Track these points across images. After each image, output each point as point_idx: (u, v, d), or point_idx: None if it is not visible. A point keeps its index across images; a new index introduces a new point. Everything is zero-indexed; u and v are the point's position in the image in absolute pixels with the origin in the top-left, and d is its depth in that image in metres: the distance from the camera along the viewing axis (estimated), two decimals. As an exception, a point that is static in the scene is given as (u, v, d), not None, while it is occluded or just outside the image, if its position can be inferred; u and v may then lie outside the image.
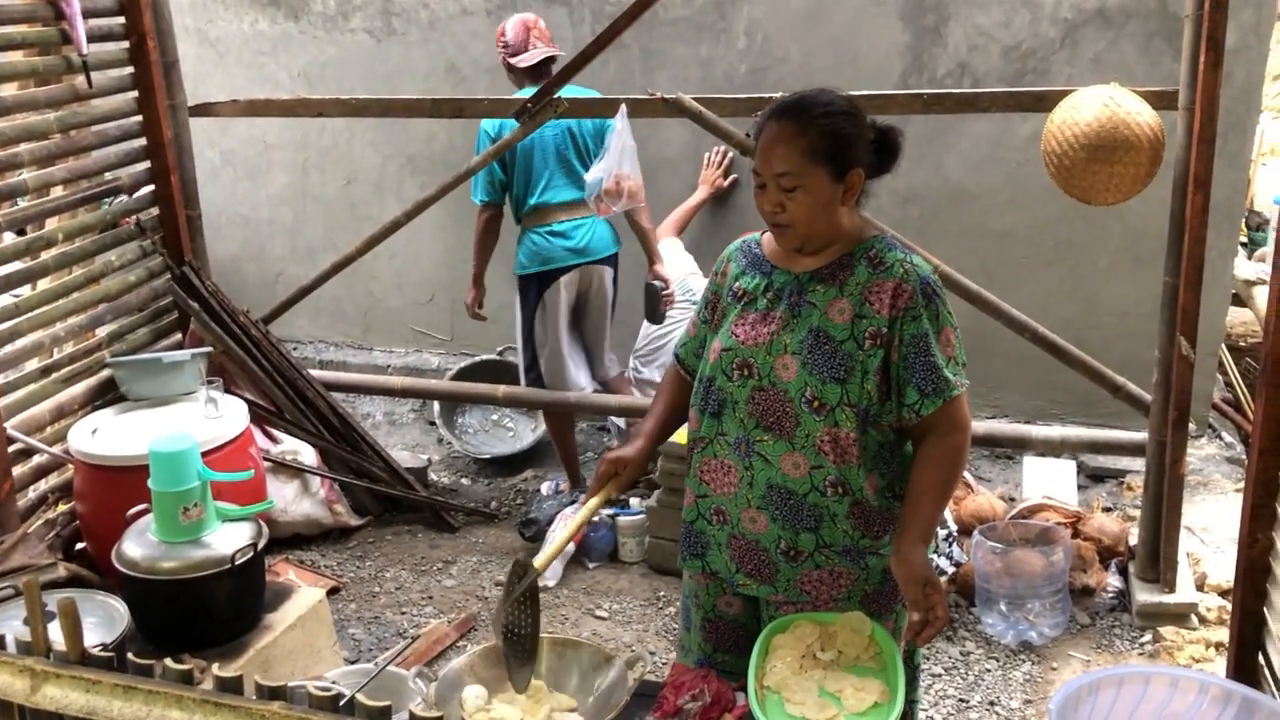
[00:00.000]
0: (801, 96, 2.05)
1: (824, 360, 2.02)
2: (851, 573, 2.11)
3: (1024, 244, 4.53)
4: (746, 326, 2.10)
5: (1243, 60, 4.10)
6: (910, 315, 2.01)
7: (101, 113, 3.88)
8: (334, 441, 4.28)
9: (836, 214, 2.04)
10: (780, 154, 1.99)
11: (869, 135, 2.05)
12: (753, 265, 2.16)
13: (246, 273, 5.61)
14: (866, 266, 2.04)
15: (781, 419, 2.06)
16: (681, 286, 4.42)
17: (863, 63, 4.48)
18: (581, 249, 4.24)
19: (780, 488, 2.08)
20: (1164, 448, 3.49)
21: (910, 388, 2.02)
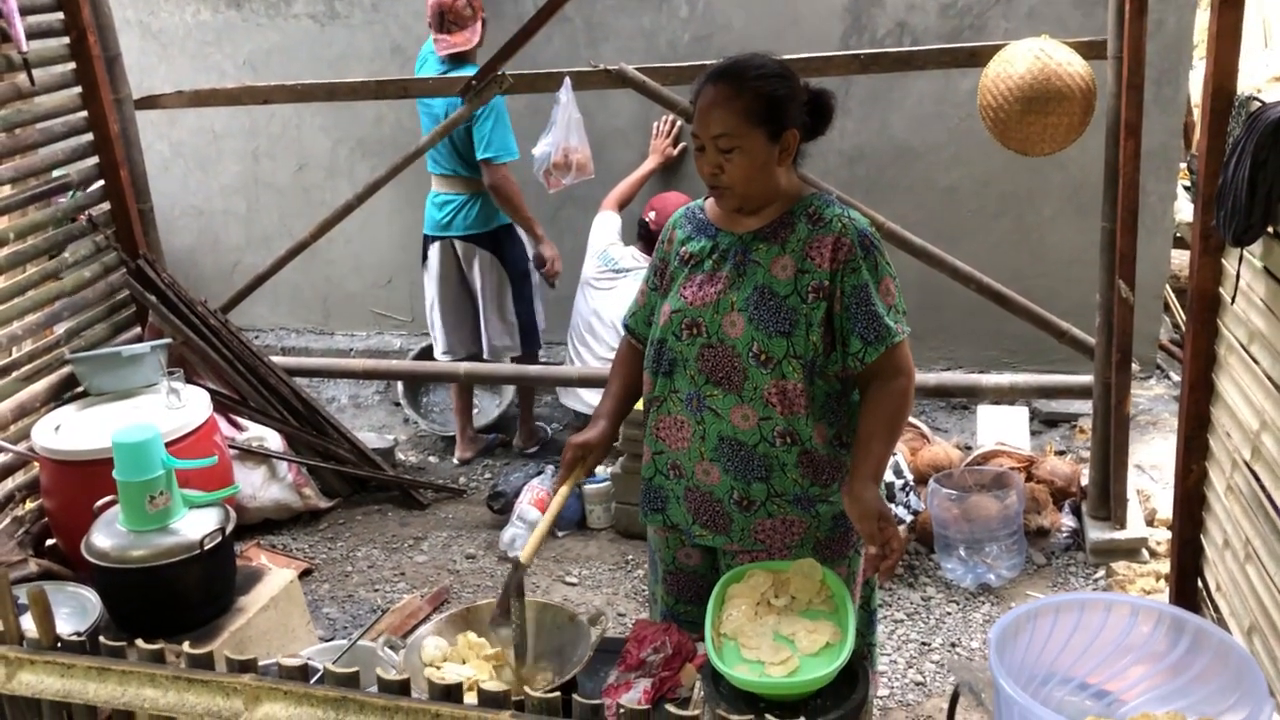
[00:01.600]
0: (735, 61, 2.12)
1: (769, 315, 2.10)
2: (803, 520, 2.19)
3: (969, 198, 4.61)
4: (694, 287, 2.17)
5: (1173, 7, 4.18)
6: (850, 267, 2.09)
7: (46, 110, 3.86)
8: (299, 426, 4.31)
9: (774, 174, 2.11)
10: (717, 116, 2.05)
11: (802, 97, 2.13)
12: (697, 230, 2.23)
13: (203, 264, 5.61)
14: (806, 223, 2.12)
15: (730, 374, 2.13)
16: (603, 257, 4.52)
17: (804, 25, 4.53)
18: (444, 223, 4.51)
19: (730, 439, 2.16)
20: (1109, 389, 3.59)
21: (854, 337, 2.11)
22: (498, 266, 4.54)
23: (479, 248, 4.52)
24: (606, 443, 2.30)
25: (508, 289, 4.57)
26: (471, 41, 4.27)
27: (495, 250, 4.53)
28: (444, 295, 4.64)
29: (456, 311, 4.67)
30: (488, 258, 4.52)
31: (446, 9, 4.25)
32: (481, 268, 4.53)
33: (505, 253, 4.54)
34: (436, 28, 4.30)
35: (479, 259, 4.53)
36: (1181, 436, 2.58)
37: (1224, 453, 2.47)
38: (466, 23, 4.27)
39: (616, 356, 2.43)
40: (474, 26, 4.29)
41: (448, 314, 4.67)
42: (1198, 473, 2.59)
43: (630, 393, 2.38)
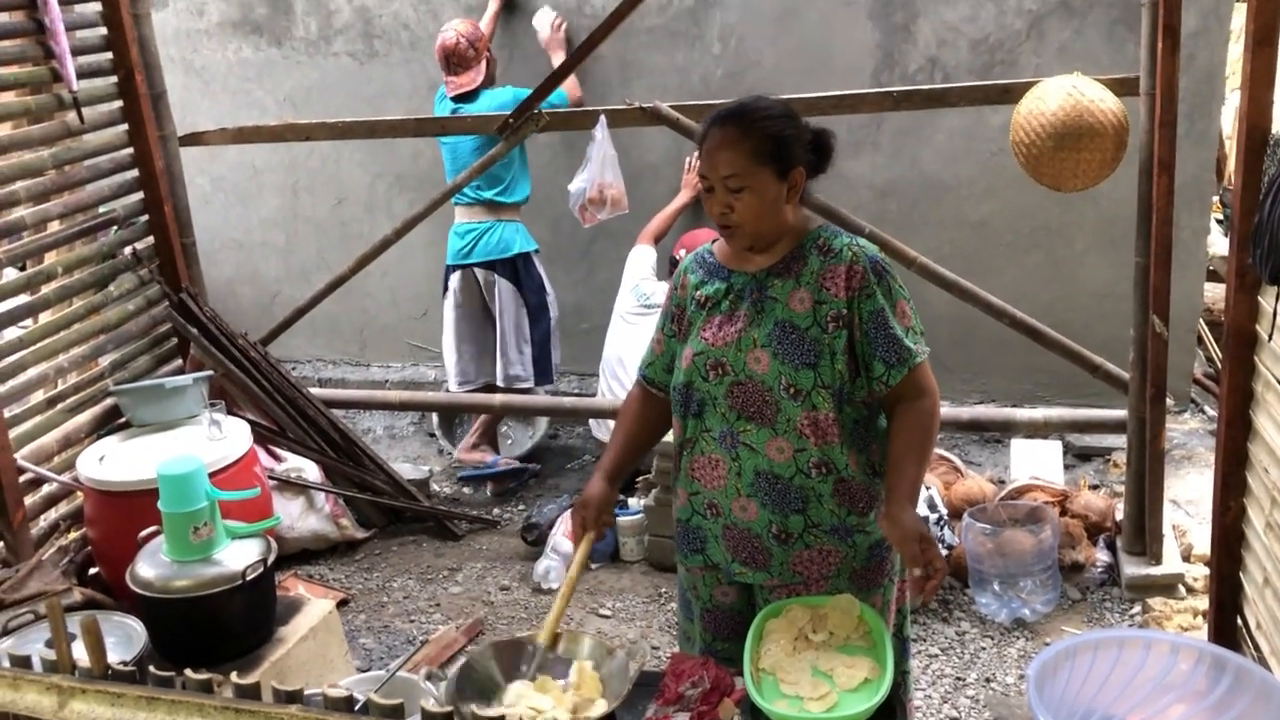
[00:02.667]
0: (741, 104, 2.18)
1: (793, 348, 2.13)
2: (840, 550, 2.21)
3: (1002, 232, 4.62)
4: (714, 329, 2.21)
5: (1204, 43, 4.20)
6: (865, 293, 2.13)
7: (93, 147, 3.96)
8: (337, 457, 4.37)
9: (782, 211, 2.16)
10: (725, 157, 2.10)
11: (806, 136, 2.18)
12: (710, 273, 2.27)
13: (242, 296, 5.70)
14: (817, 255, 2.16)
15: (762, 408, 2.16)
16: (636, 292, 4.57)
17: (835, 62, 4.58)
18: (466, 251, 4.63)
19: (767, 473, 2.18)
20: (1143, 424, 3.58)
21: (876, 361, 2.14)
22: (516, 295, 4.63)
23: (499, 275, 4.62)
24: (607, 495, 2.31)
25: (524, 318, 4.65)
26: (475, 81, 4.47)
27: (514, 279, 4.62)
28: (464, 323, 4.75)
29: (476, 340, 4.77)
30: (507, 285, 4.62)
31: (450, 52, 4.47)
32: (501, 295, 4.63)
33: (524, 281, 4.64)
34: (445, 70, 4.51)
35: (499, 286, 4.63)
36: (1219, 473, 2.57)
37: (1263, 490, 2.46)
38: (470, 64, 4.47)
39: (623, 410, 2.44)
40: (478, 67, 4.48)
41: (468, 342, 4.77)
42: (1236, 509, 2.58)
43: (635, 445, 2.40)
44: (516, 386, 4.69)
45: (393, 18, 5.05)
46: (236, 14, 5.25)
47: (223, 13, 5.27)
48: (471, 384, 4.79)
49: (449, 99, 4.54)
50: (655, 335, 2.39)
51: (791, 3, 4.57)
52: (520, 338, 4.67)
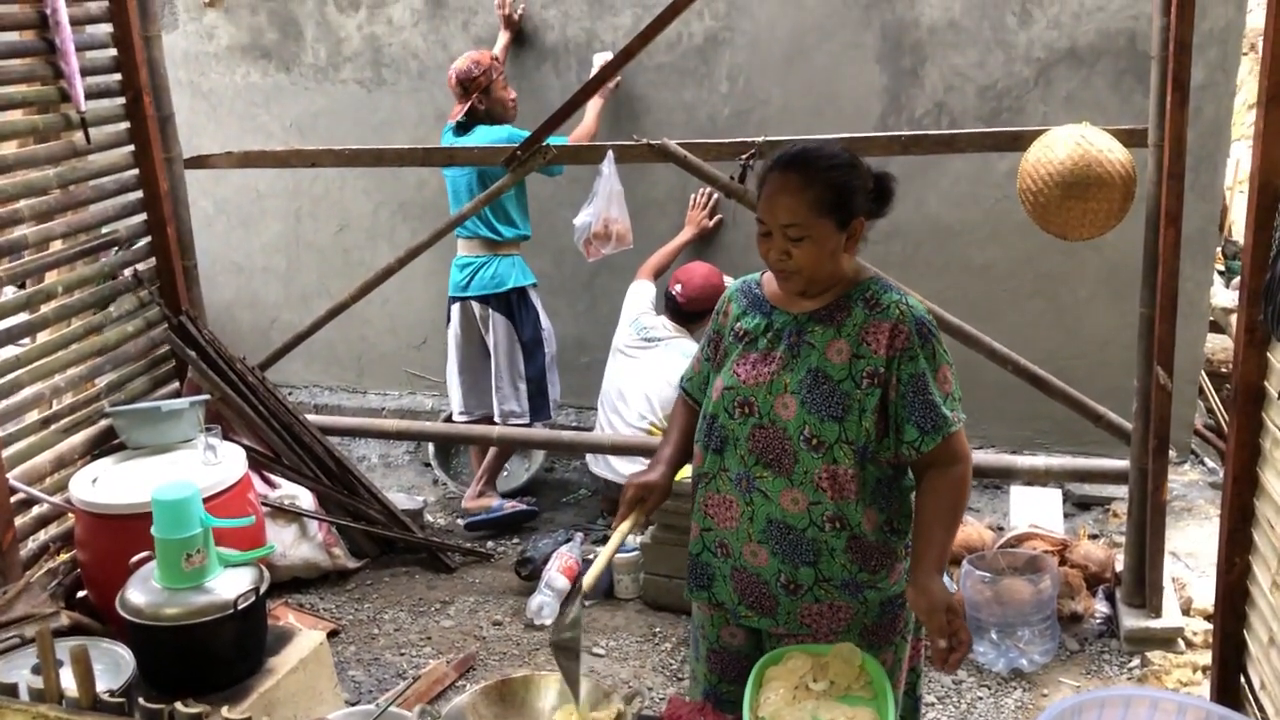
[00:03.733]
0: (805, 150, 2.12)
1: (822, 400, 2.10)
2: (850, 606, 2.18)
3: (1005, 277, 4.62)
4: (747, 366, 2.18)
5: (1211, 96, 4.22)
6: (908, 355, 2.08)
7: (99, 167, 3.95)
8: (331, 485, 4.33)
9: (839, 260, 2.13)
10: (786, 205, 2.06)
11: (869, 185, 2.13)
12: (753, 306, 2.24)
13: (241, 320, 5.68)
14: (863, 308, 2.12)
15: (780, 456, 2.13)
16: (635, 326, 4.57)
17: (843, 104, 4.59)
18: (464, 284, 4.64)
19: (779, 523, 2.15)
20: (1145, 475, 3.56)
21: (910, 425, 2.09)
22: (510, 330, 4.62)
23: (492, 310, 4.62)
24: (667, 486, 2.28)
25: (518, 354, 4.64)
26: (460, 113, 4.49)
27: (508, 313, 4.62)
28: (463, 356, 4.75)
29: (475, 372, 4.76)
30: (501, 320, 4.62)
31: (451, 83, 4.54)
32: (495, 330, 4.63)
33: (518, 317, 4.63)
34: (456, 97, 4.56)
35: (493, 320, 4.63)
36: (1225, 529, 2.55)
37: (1269, 547, 2.44)
38: (458, 97, 4.51)
39: (674, 409, 2.44)
40: (464, 102, 4.49)
41: (466, 374, 4.77)
42: (1241, 566, 2.56)
43: (688, 440, 2.36)
44: (511, 422, 4.66)
45: (402, 47, 5.07)
46: (246, 38, 5.26)
47: (233, 37, 5.28)
48: (470, 416, 4.78)
49: (450, 124, 4.59)
50: (697, 354, 2.39)
51: (800, 44, 4.59)
52: (514, 373, 4.66)
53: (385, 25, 5.05)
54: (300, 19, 5.16)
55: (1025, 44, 4.37)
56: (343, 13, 5.09)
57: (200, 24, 5.30)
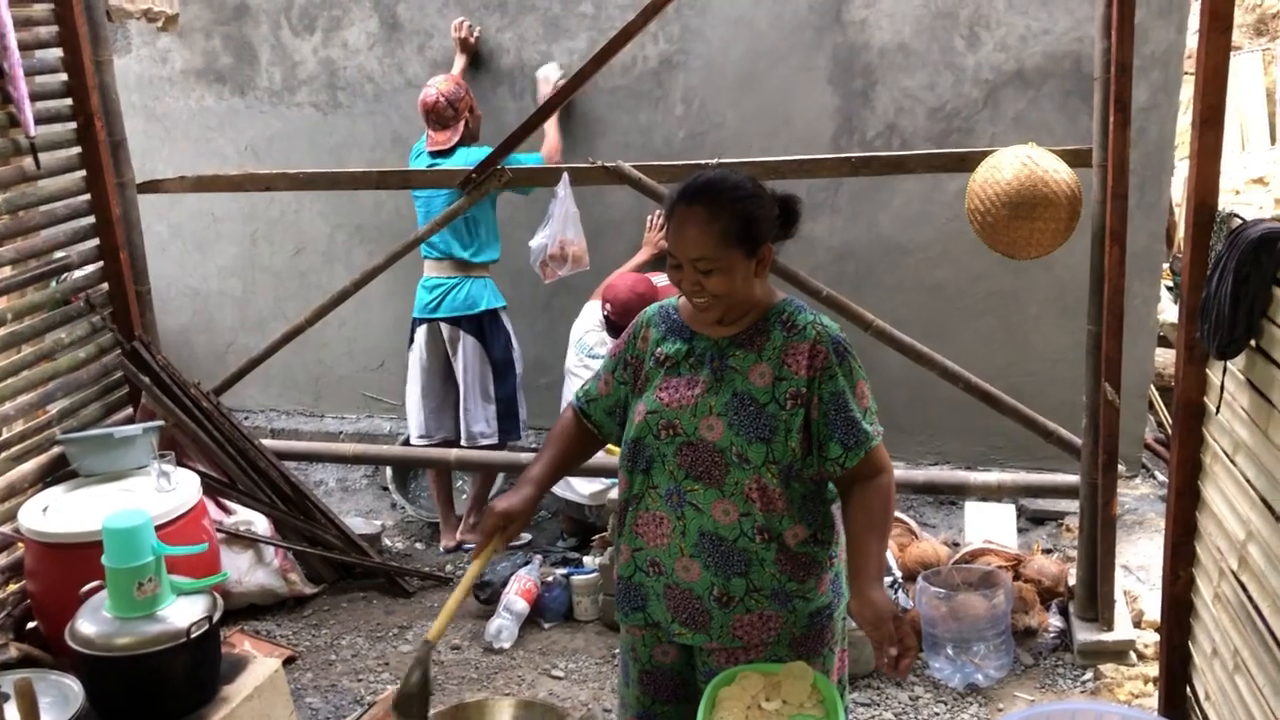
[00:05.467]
0: (709, 181, 2.15)
1: (749, 421, 2.13)
2: (780, 616, 2.20)
3: (957, 296, 4.69)
4: (670, 390, 2.20)
5: (1154, 117, 4.31)
6: (827, 374, 2.14)
7: (49, 193, 3.92)
8: (287, 511, 4.30)
9: (751, 286, 2.17)
10: (695, 238, 2.09)
11: (774, 211, 2.18)
12: (673, 331, 2.26)
13: (196, 344, 5.64)
14: (781, 330, 2.17)
15: (711, 468, 2.16)
16: (579, 346, 4.59)
17: (796, 126, 4.65)
18: (433, 306, 4.61)
19: (711, 534, 2.17)
20: (1095, 490, 3.62)
21: (833, 443, 2.14)
22: (481, 352, 4.61)
23: (464, 331, 4.59)
24: (530, 509, 2.28)
25: (489, 375, 4.63)
26: (450, 141, 4.47)
27: (479, 335, 4.60)
28: (427, 378, 4.71)
29: (438, 395, 4.73)
30: (471, 342, 4.59)
31: (429, 110, 4.48)
32: (465, 351, 4.60)
33: (489, 338, 4.62)
34: (426, 124, 4.53)
35: (463, 342, 4.59)
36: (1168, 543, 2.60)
37: (1211, 561, 2.49)
38: (448, 123, 4.48)
39: (557, 427, 2.40)
40: (455, 126, 4.48)
41: (429, 397, 4.73)
42: (1185, 579, 2.61)
43: (564, 463, 2.38)
44: (479, 444, 4.64)
45: (357, 70, 5.07)
46: (201, 62, 5.24)
47: (187, 61, 5.26)
48: (430, 439, 4.74)
49: (426, 153, 4.55)
50: (603, 375, 2.37)
51: (753, 67, 4.64)
52: (484, 395, 4.64)
53: (341, 49, 5.06)
54: (255, 43, 5.15)
55: (974, 66, 4.44)
56: (298, 36, 5.09)
57: (154, 48, 5.27)
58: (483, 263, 4.60)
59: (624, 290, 4.45)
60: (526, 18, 4.79)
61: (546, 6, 4.76)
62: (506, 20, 4.82)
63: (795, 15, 4.55)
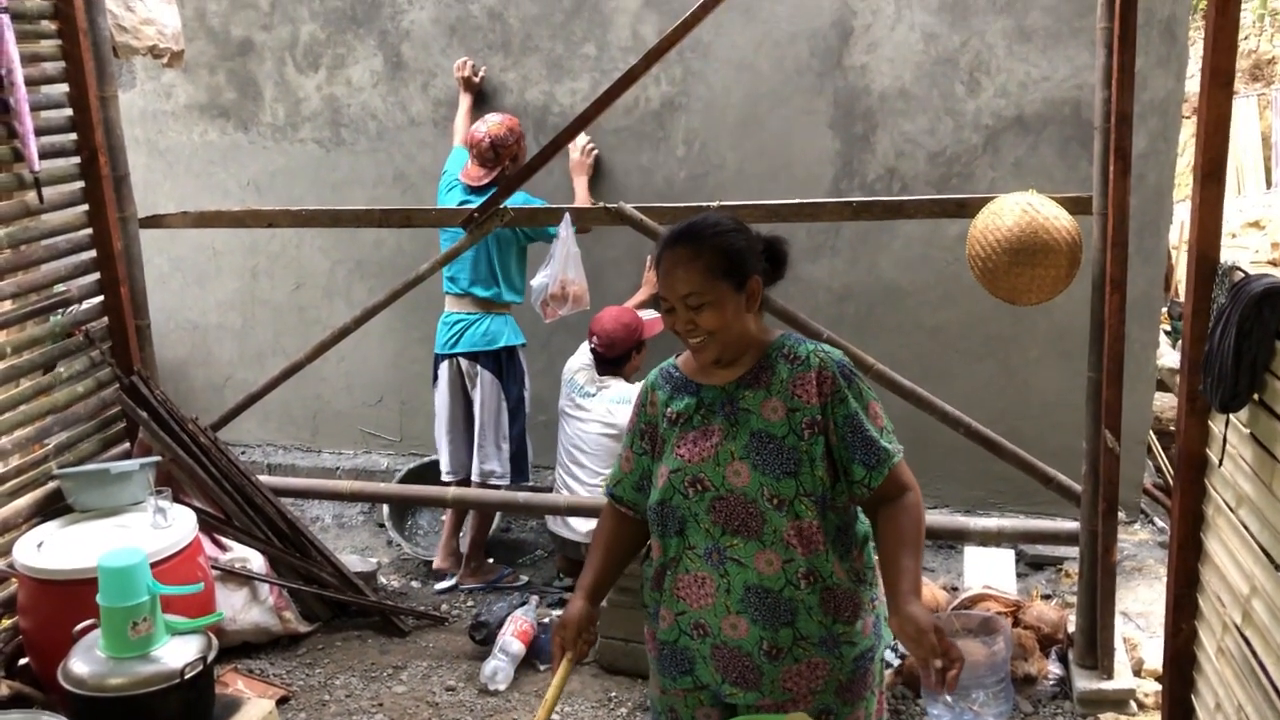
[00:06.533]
0: (691, 223, 2.21)
1: (772, 458, 2.13)
2: (827, 663, 2.19)
3: (957, 338, 4.69)
4: (689, 445, 2.20)
5: (1153, 164, 4.34)
6: (838, 398, 2.15)
7: (52, 227, 3.92)
8: (283, 548, 4.27)
9: (744, 322, 2.19)
10: (682, 276, 2.12)
11: (758, 246, 2.22)
12: (679, 389, 2.27)
13: (194, 377, 5.63)
14: (785, 363, 2.19)
15: (747, 520, 2.15)
16: (570, 384, 4.59)
17: (796, 168, 4.67)
18: (453, 341, 4.59)
19: (756, 587, 2.16)
20: (1095, 537, 3.60)
21: (855, 465, 2.15)
22: (498, 389, 4.59)
23: (482, 367, 4.57)
24: (585, 620, 2.26)
25: (504, 413, 4.60)
26: (483, 180, 4.44)
27: (497, 372, 4.58)
28: (451, 415, 4.69)
29: (463, 432, 4.70)
30: (489, 378, 4.57)
31: (473, 145, 4.47)
32: (483, 388, 4.58)
33: (506, 375, 4.60)
34: (479, 160, 4.47)
35: (481, 378, 4.57)
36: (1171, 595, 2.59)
37: (1214, 614, 2.48)
38: (488, 163, 4.46)
39: (598, 526, 2.41)
40: (493, 169, 4.45)
41: (454, 434, 4.71)
42: (1188, 632, 2.59)
43: (613, 563, 2.36)
44: (490, 483, 4.62)
45: (361, 107, 5.10)
46: (205, 97, 5.27)
47: (191, 96, 5.29)
48: (457, 476, 4.71)
49: (461, 184, 4.53)
50: (623, 453, 2.37)
51: (754, 110, 4.67)
52: (499, 433, 4.62)
53: (344, 86, 5.09)
54: (259, 79, 5.18)
55: (974, 112, 4.47)
56: (302, 73, 5.12)
57: (159, 83, 5.30)
58: (507, 302, 4.61)
59: (609, 322, 4.47)
60: (530, 58, 4.83)
61: (550, 48, 4.80)
62: (510, 60, 4.85)
63: (796, 59, 4.58)
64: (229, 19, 5.14)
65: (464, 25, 4.86)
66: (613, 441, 4.40)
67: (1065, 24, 4.31)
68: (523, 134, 4.52)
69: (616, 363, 4.54)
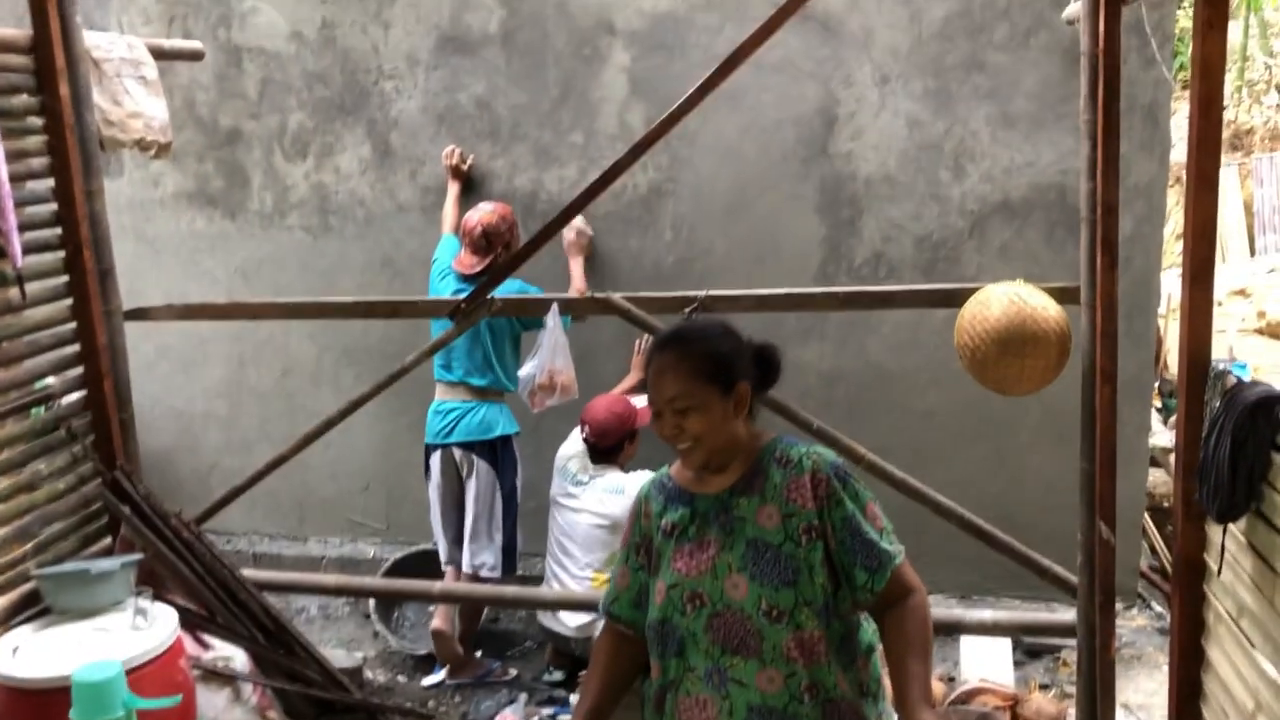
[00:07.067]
0: (678, 328, 2.25)
1: (770, 568, 2.09)
2: None
3: (948, 421, 4.67)
4: (685, 558, 2.16)
5: (1139, 249, 4.36)
6: (834, 500, 2.12)
7: (34, 322, 3.88)
8: (267, 645, 4.17)
9: (733, 426, 2.16)
10: (669, 380, 2.12)
11: (748, 352, 2.21)
12: (672, 499, 2.23)
13: (180, 466, 5.56)
14: (777, 468, 2.15)
15: (745, 638, 2.10)
16: (563, 473, 4.55)
17: (783, 253, 4.68)
18: (446, 430, 4.54)
19: (760, 707, 2.10)
20: (1093, 630, 3.54)
21: (857, 569, 2.10)
22: (493, 478, 4.54)
23: (477, 456, 4.52)
24: None
25: (499, 503, 4.56)
26: (475, 268, 4.45)
27: (492, 461, 4.54)
28: (445, 506, 4.63)
29: (454, 523, 4.64)
30: (485, 467, 4.53)
31: (466, 233, 4.49)
32: (478, 478, 4.53)
33: (501, 466, 4.56)
34: (472, 248, 4.47)
35: (476, 468, 4.53)
36: (1174, 705, 2.53)
37: (1217, 722, 2.43)
38: (479, 251, 4.47)
39: (595, 649, 2.36)
40: (485, 257, 4.46)
41: (448, 526, 4.65)
42: (1191, 742, 2.54)
43: (613, 688, 2.30)
44: (482, 575, 4.55)
45: (349, 194, 5.11)
46: (192, 185, 5.28)
47: (178, 184, 5.29)
48: (457, 565, 4.64)
49: (454, 272, 4.52)
50: (618, 569, 2.33)
51: (741, 195, 4.69)
52: (492, 524, 4.56)
53: (332, 174, 5.10)
54: (248, 167, 5.19)
55: (959, 197, 4.50)
56: (290, 161, 5.14)
57: (146, 171, 5.31)
58: (498, 389, 4.58)
59: (601, 411, 4.44)
60: (518, 146, 4.85)
61: (537, 135, 4.82)
62: (498, 148, 4.87)
63: (782, 146, 4.61)
64: (218, 108, 5.16)
65: (452, 114, 4.89)
66: (604, 532, 4.35)
67: (1049, 110, 4.35)
68: (516, 222, 4.53)
69: (610, 452, 4.50)
